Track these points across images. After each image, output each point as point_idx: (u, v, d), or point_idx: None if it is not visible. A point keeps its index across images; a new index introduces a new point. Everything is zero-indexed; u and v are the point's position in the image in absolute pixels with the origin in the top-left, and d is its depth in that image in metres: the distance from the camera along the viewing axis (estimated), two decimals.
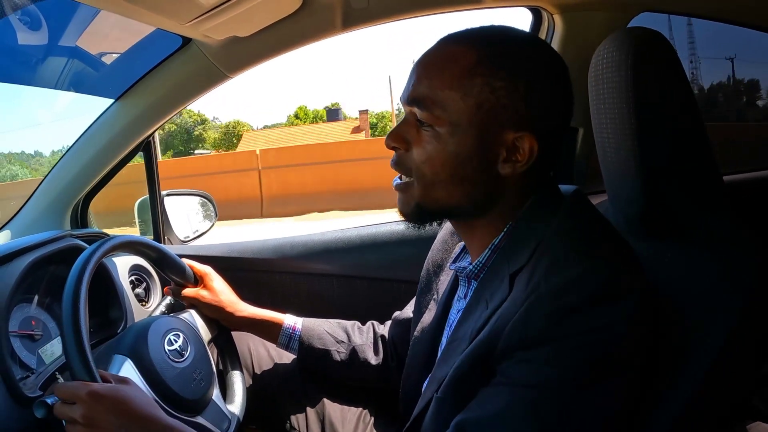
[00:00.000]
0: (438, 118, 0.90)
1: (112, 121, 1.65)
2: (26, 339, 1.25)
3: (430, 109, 0.90)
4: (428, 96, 0.91)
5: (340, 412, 1.42)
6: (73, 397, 0.97)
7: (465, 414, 0.85)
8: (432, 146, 0.91)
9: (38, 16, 1.55)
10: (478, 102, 0.88)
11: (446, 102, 0.89)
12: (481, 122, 0.89)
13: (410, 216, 0.99)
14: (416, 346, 1.19)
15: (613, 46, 0.97)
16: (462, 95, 0.89)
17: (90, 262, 1.07)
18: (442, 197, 0.94)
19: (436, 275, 1.23)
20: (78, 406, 0.96)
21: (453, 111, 0.89)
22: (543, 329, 0.79)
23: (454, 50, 0.91)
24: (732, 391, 0.87)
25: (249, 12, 1.26)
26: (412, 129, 0.94)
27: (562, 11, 1.64)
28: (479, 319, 0.89)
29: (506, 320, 0.82)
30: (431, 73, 0.92)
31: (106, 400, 0.96)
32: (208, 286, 1.41)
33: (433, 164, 0.92)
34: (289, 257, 1.83)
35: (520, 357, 0.81)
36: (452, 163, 0.91)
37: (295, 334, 1.41)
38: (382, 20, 1.55)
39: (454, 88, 0.89)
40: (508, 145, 0.90)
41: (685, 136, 0.94)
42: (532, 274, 0.84)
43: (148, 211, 1.88)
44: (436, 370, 0.99)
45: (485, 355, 0.84)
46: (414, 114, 0.93)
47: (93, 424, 0.95)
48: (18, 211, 1.75)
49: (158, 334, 1.19)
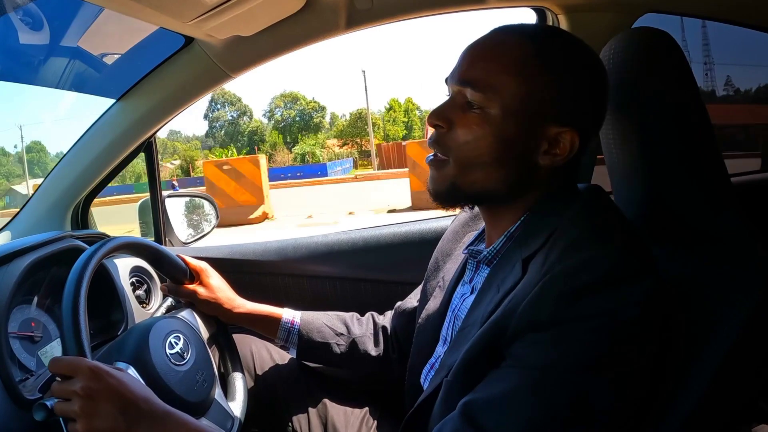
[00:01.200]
0: (490, 101, 0.91)
1: (113, 121, 1.64)
2: (26, 341, 1.25)
3: (484, 90, 0.91)
4: (483, 78, 0.92)
5: (343, 415, 1.41)
6: (72, 371, 0.94)
7: (473, 395, 0.85)
8: (480, 128, 0.92)
9: (40, 16, 1.55)
10: (530, 91, 0.90)
11: (501, 86, 0.91)
12: (530, 111, 0.91)
13: (442, 194, 0.99)
14: (421, 334, 1.20)
15: (619, 46, 0.97)
16: (517, 82, 0.91)
17: (90, 263, 1.06)
18: (479, 179, 0.95)
19: (443, 263, 1.25)
20: (77, 379, 0.93)
21: (506, 96, 0.91)
22: (554, 310, 0.79)
23: (512, 40, 0.94)
24: (740, 393, 0.88)
25: (252, 11, 1.26)
26: (457, 109, 0.95)
27: (566, 12, 1.63)
28: (490, 304, 0.90)
29: (519, 301, 0.82)
30: (488, 56, 0.94)
31: (107, 377, 0.94)
32: (204, 283, 1.40)
33: (477, 145, 0.92)
34: (291, 259, 1.83)
35: (531, 339, 0.80)
36: (497, 146, 0.92)
37: (294, 328, 1.40)
38: (386, 20, 1.54)
39: (511, 74, 0.91)
40: (551, 138, 0.92)
41: (692, 136, 0.93)
42: (547, 257, 0.85)
43: (150, 212, 1.88)
44: (446, 356, 0.99)
45: (497, 337, 0.84)
46: (462, 95, 0.94)
47: (93, 398, 0.91)
48: (19, 211, 1.74)
49: (159, 338, 1.18)
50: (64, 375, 0.95)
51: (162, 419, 0.95)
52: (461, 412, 0.83)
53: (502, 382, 0.82)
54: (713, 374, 0.84)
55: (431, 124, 0.98)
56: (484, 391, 0.84)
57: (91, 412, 0.91)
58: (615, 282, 0.79)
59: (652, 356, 0.81)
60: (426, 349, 1.15)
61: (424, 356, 1.15)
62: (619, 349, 0.78)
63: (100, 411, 0.91)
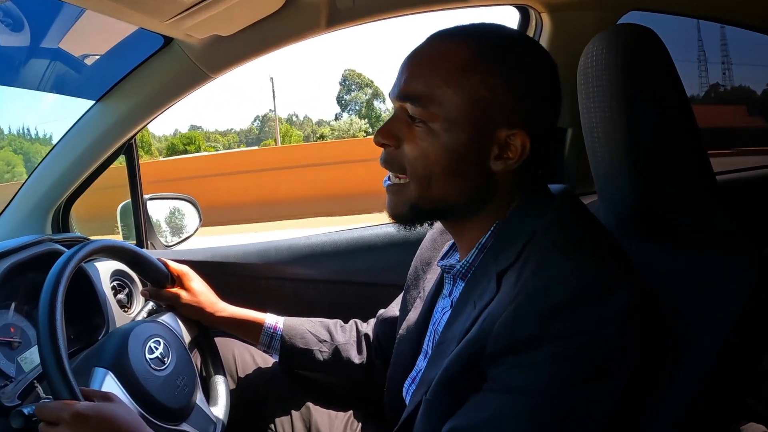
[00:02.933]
0: (432, 114, 0.89)
1: (93, 122, 1.62)
2: (5, 346, 1.23)
3: (425, 105, 0.90)
4: (422, 92, 0.90)
5: (327, 418, 1.40)
6: (56, 419, 0.93)
7: (457, 420, 0.84)
8: (426, 142, 0.90)
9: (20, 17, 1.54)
10: (473, 99, 0.88)
11: (441, 98, 0.89)
12: (475, 119, 0.89)
13: (403, 217, 0.98)
14: (401, 344, 1.19)
15: (603, 44, 0.97)
16: (457, 91, 0.88)
17: (66, 268, 1.05)
18: (437, 195, 0.93)
19: (423, 273, 1.23)
20: (62, 427, 0.93)
21: (448, 107, 0.89)
22: (532, 331, 0.78)
23: (449, 47, 0.92)
24: (729, 393, 0.87)
25: (230, 10, 1.24)
26: (402, 125, 0.93)
27: (550, 10, 1.64)
28: (467, 320, 0.88)
29: (494, 320, 0.81)
30: (425, 69, 0.92)
31: (91, 421, 0.93)
32: (186, 286, 1.38)
33: (426, 160, 0.91)
34: (273, 262, 1.82)
35: (511, 362, 0.79)
36: (446, 158, 0.90)
37: (277, 334, 1.39)
38: (368, 19, 1.54)
39: (450, 84, 0.89)
40: (501, 142, 0.90)
41: (677, 134, 0.93)
42: (521, 273, 0.83)
43: (131, 215, 1.86)
44: (426, 371, 0.98)
45: (474, 356, 0.83)
46: (405, 110, 0.93)
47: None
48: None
49: (138, 343, 1.16)
50: (50, 422, 0.94)
51: None
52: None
53: (486, 406, 0.81)
54: (703, 374, 0.83)
55: (378, 144, 0.96)
56: (469, 416, 0.83)
57: None
58: (592, 298, 0.78)
59: (636, 365, 0.81)
60: (406, 361, 1.14)
61: (405, 368, 1.14)
62: (599, 366, 0.77)
63: None
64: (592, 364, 0.77)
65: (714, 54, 2.21)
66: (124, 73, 1.56)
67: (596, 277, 0.80)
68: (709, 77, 2.38)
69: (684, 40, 1.98)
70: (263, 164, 13.19)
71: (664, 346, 0.86)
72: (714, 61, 2.27)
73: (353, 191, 11.48)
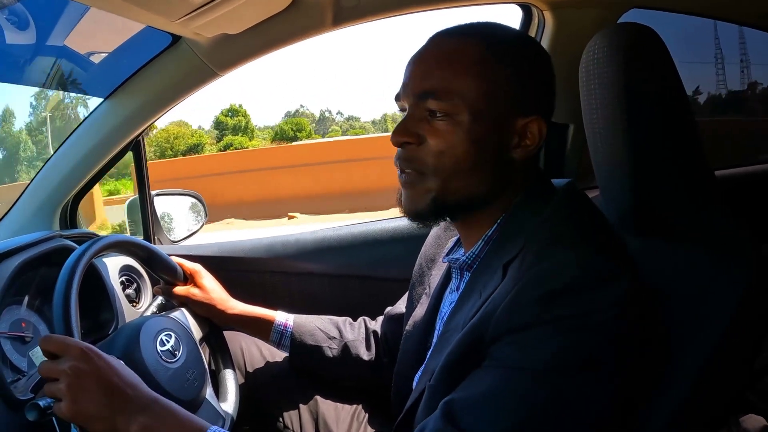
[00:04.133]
0: (456, 106, 0.91)
1: (101, 120, 1.63)
2: (17, 341, 1.24)
3: (448, 97, 0.91)
4: (442, 86, 0.92)
5: (334, 411, 1.42)
6: (62, 350, 0.93)
7: (453, 394, 0.85)
8: (453, 135, 0.92)
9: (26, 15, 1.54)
10: (492, 89, 0.91)
11: (463, 90, 0.91)
12: (496, 108, 0.92)
13: (422, 212, 0.98)
14: (408, 340, 1.20)
15: (604, 42, 0.98)
16: (477, 83, 0.91)
17: (80, 262, 1.06)
18: (461, 187, 0.94)
19: (428, 269, 1.24)
20: (67, 358, 0.92)
21: (471, 98, 0.91)
22: (531, 314, 0.79)
23: (458, 43, 0.94)
24: (727, 387, 0.88)
25: (239, 9, 1.25)
26: (422, 122, 0.94)
27: (552, 8, 1.64)
28: (472, 309, 0.90)
29: (496, 305, 0.83)
30: (440, 65, 0.93)
31: (97, 359, 0.93)
32: (198, 284, 1.40)
33: (454, 153, 0.92)
34: (281, 256, 1.83)
35: (508, 340, 0.81)
36: (474, 150, 0.92)
37: (287, 331, 1.41)
38: (373, 17, 1.54)
39: (467, 77, 0.91)
40: (519, 131, 0.93)
41: (677, 131, 0.94)
42: (522, 261, 0.85)
43: (138, 211, 1.87)
44: (429, 360, 1.00)
45: (476, 341, 0.85)
46: (422, 107, 0.94)
47: (80, 378, 0.90)
48: (6, 212, 1.73)
49: (150, 335, 1.18)
50: (54, 354, 0.94)
51: (148, 406, 0.94)
52: (442, 411, 0.84)
53: (481, 381, 0.82)
54: (701, 368, 0.84)
55: (398, 143, 0.96)
56: (465, 390, 0.84)
57: (78, 392, 0.90)
58: (589, 284, 0.79)
59: (632, 356, 0.81)
60: (413, 356, 1.15)
61: (412, 363, 1.15)
62: (595, 351, 0.78)
63: (87, 392, 0.90)
64: (587, 349, 0.78)
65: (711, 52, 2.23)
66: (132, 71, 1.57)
67: (595, 265, 0.82)
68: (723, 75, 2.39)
69: (684, 37, 1.99)
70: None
71: (660, 342, 0.87)
72: (711, 60, 2.28)
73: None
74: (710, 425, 0.88)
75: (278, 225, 12.08)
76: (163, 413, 0.95)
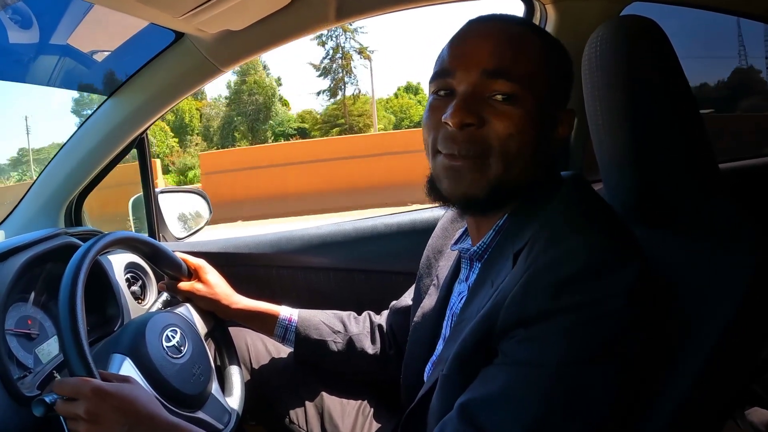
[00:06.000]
0: (525, 90, 0.90)
1: (105, 117, 1.64)
2: (23, 338, 1.25)
3: (520, 80, 0.90)
4: (516, 67, 0.90)
5: (340, 405, 1.42)
6: (75, 394, 0.95)
7: (469, 394, 0.84)
8: (521, 119, 0.90)
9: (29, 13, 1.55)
10: (548, 79, 0.94)
11: (531, 75, 0.91)
12: (552, 98, 0.95)
13: (480, 199, 0.94)
14: (417, 331, 1.20)
15: (607, 35, 0.98)
16: (540, 70, 0.92)
17: (85, 259, 1.07)
18: (522, 173, 0.93)
19: (436, 261, 1.25)
20: (81, 402, 0.94)
21: (537, 84, 0.91)
22: (540, 304, 0.79)
23: (523, 30, 0.95)
24: (733, 379, 0.88)
25: (242, 5, 1.26)
26: (483, 104, 0.90)
27: (554, 1, 1.64)
28: (484, 298, 0.90)
29: (506, 294, 0.83)
30: (513, 46, 0.92)
31: (110, 398, 0.95)
32: (202, 279, 1.41)
33: (522, 138, 0.90)
34: (285, 252, 1.83)
35: (521, 335, 0.81)
36: (536, 137, 0.92)
37: (291, 326, 1.41)
38: (376, 11, 1.55)
39: (535, 63, 0.92)
40: (560, 121, 0.96)
41: (680, 123, 0.94)
42: (531, 250, 0.85)
43: (142, 208, 1.88)
44: (443, 351, 1.00)
45: (487, 331, 0.84)
46: (486, 88, 0.91)
47: (97, 421, 0.94)
48: (12, 210, 1.74)
49: (156, 331, 1.18)
50: (69, 397, 0.96)
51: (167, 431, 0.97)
52: (459, 412, 0.84)
53: (497, 379, 0.82)
54: (707, 359, 0.84)
55: (458, 124, 0.90)
56: (481, 389, 0.84)
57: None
58: (598, 272, 0.79)
59: (643, 344, 0.81)
60: (423, 346, 1.16)
61: (422, 354, 1.15)
62: (609, 339, 0.78)
63: (105, 429, 0.94)
64: (600, 338, 0.78)
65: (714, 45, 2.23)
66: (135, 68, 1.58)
67: (605, 251, 0.82)
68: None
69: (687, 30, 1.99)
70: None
71: (667, 332, 0.87)
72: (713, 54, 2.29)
73: None
74: (716, 417, 0.88)
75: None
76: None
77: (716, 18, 1.86)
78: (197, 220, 2.03)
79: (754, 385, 1.49)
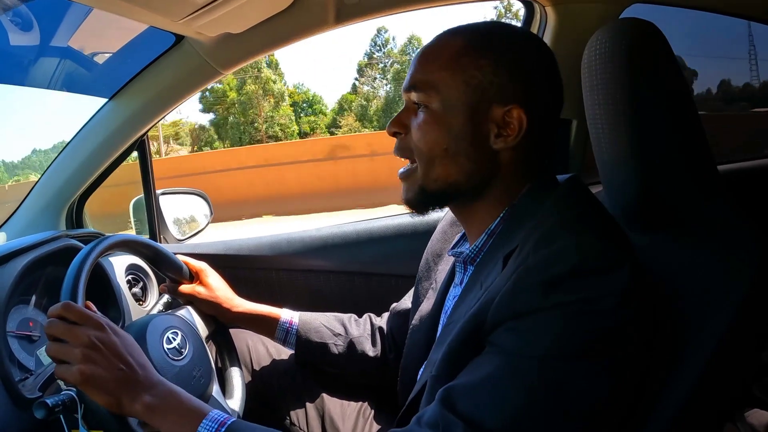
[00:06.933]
0: (431, 97, 0.97)
1: (106, 120, 1.64)
2: (24, 340, 1.25)
3: (425, 90, 0.97)
4: (423, 79, 0.98)
5: (340, 407, 1.42)
6: (83, 319, 0.96)
7: (454, 381, 0.85)
8: (427, 124, 0.97)
9: (30, 16, 1.55)
10: (466, 80, 0.95)
11: (438, 82, 0.96)
12: (470, 98, 0.95)
13: (413, 202, 1.03)
14: (414, 335, 1.21)
15: (607, 37, 0.98)
16: (451, 75, 0.96)
17: (86, 262, 1.07)
18: (440, 175, 0.98)
19: (435, 264, 1.25)
20: (87, 327, 0.95)
21: (444, 89, 0.96)
22: (530, 300, 0.80)
23: (445, 40, 1.00)
24: (733, 381, 0.88)
25: (241, 9, 1.26)
26: (410, 114, 1.01)
27: (554, 3, 1.64)
28: (473, 300, 0.90)
29: (495, 293, 0.83)
30: (426, 59, 1.00)
31: (113, 333, 0.97)
32: (203, 282, 1.40)
33: (428, 140, 0.97)
34: (285, 254, 1.84)
35: (510, 326, 0.81)
36: (446, 137, 0.96)
37: (292, 329, 1.41)
38: (375, 15, 1.55)
39: (445, 69, 0.96)
40: (498, 121, 0.95)
41: (680, 126, 0.94)
42: (521, 250, 0.86)
43: (144, 210, 1.88)
44: (433, 352, 1.00)
45: (476, 330, 0.85)
46: (410, 101, 1.01)
47: (96, 346, 0.93)
48: (13, 212, 1.74)
49: (156, 333, 1.18)
50: (72, 321, 0.96)
51: (154, 387, 0.97)
52: (441, 398, 0.84)
53: (481, 368, 0.83)
54: (707, 362, 0.84)
55: (390, 133, 1.04)
56: (464, 377, 0.84)
57: (92, 359, 0.92)
58: (590, 272, 0.80)
59: (637, 344, 0.81)
60: (419, 350, 1.16)
61: (418, 357, 1.16)
62: (597, 338, 0.78)
63: (100, 362, 0.93)
64: (588, 337, 0.78)
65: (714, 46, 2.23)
66: (135, 71, 1.58)
67: (597, 252, 0.82)
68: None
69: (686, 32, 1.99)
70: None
71: (666, 335, 0.87)
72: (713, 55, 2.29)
73: None
74: (716, 420, 0.88)
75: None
76: (166, 394, 0.97)
77: (716, 18, 1.85)
78: (198, 221, 2.04)
79: (754, 387, 1.49)
